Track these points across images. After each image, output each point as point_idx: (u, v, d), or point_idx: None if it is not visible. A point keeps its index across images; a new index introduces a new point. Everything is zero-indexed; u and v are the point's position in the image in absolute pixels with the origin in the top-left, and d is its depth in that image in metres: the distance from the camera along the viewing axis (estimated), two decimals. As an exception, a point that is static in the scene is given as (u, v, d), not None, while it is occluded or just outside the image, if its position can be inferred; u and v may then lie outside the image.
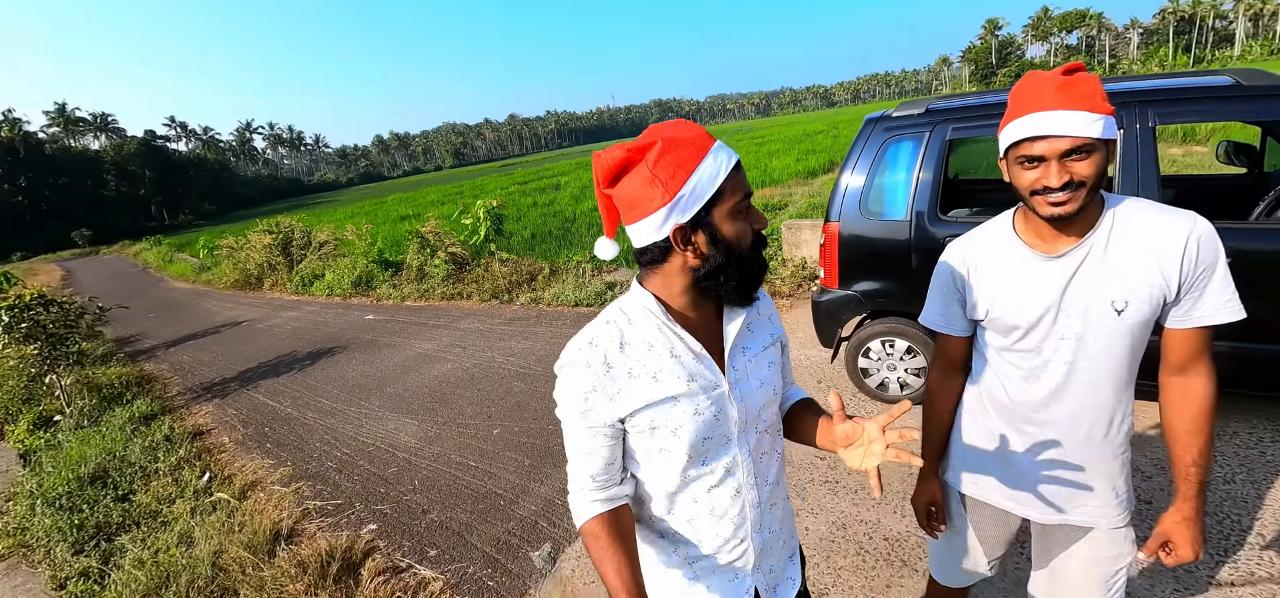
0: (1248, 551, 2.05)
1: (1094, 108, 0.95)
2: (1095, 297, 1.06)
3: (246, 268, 11.62)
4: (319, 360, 5.97)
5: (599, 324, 0.91)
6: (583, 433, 0.90)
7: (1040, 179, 1.00)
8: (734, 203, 0.84)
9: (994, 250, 1.16)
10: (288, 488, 3.47)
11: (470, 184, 30.85)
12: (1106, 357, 1.08)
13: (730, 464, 0.93)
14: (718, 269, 0.85)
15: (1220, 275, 1.02)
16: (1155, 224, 1.03)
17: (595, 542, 0.89)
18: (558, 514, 2.80)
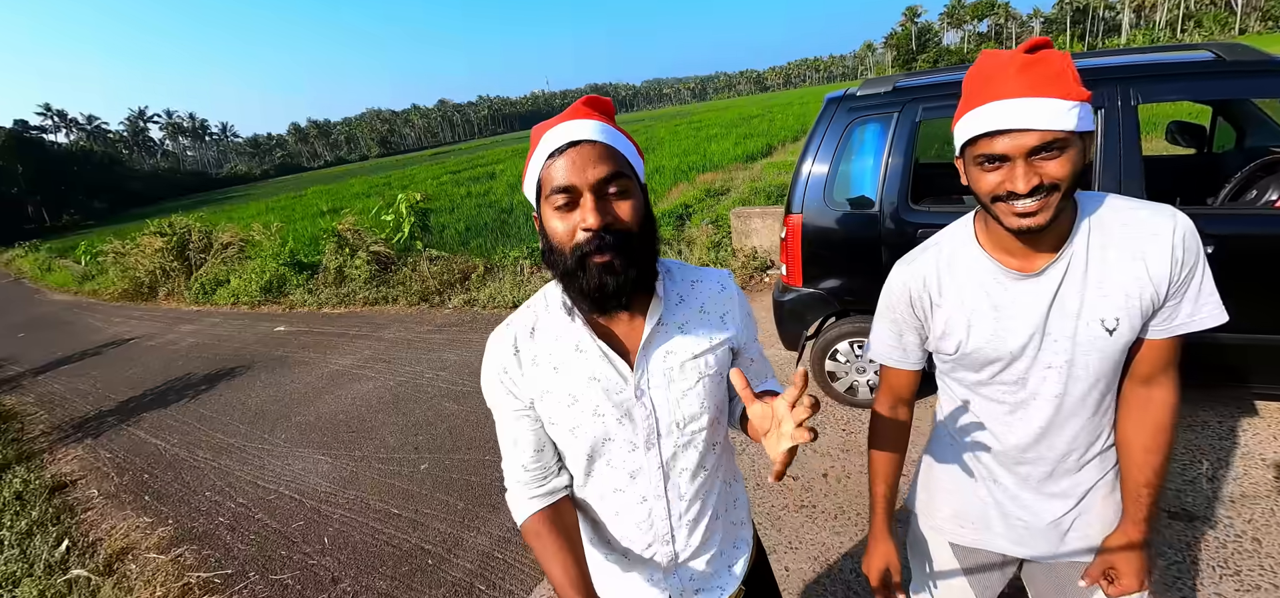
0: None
1: (1065, 92, 0.78)
2: (1083, 318, 0.91)
3: (136, 275, 10.25)
4: (217, 384, 5.19)
5: (522, 308, 0.89)
6: (505, 417, 0.88)
7: (1004, 183, 0.82)
8: (546, 195, 0.76)
9: (957, 269, 0.98)
10: (166, 556, 2.86)
11: (399, 174, 29.09)
12: (1097, 381, 0.95)
13: (635, 472, 0.87)
14: (547, 263, 0.80)
15: (1202, 272, 0.90)
16: (1136, 224, 0.89)
17: (537, 540, 0.87)
18: (500, 573, 2.38)
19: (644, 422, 0.85)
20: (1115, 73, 2.24)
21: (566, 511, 0.90)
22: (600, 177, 0.73)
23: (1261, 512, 2.11)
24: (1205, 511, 2.15)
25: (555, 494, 0.89)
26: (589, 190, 0.73)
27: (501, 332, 0.88)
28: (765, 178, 11.14)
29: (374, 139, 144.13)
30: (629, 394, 0.84)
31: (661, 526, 0.91)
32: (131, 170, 76.03)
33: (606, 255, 0.74)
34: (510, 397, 0.86)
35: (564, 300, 0.84)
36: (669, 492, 0.89)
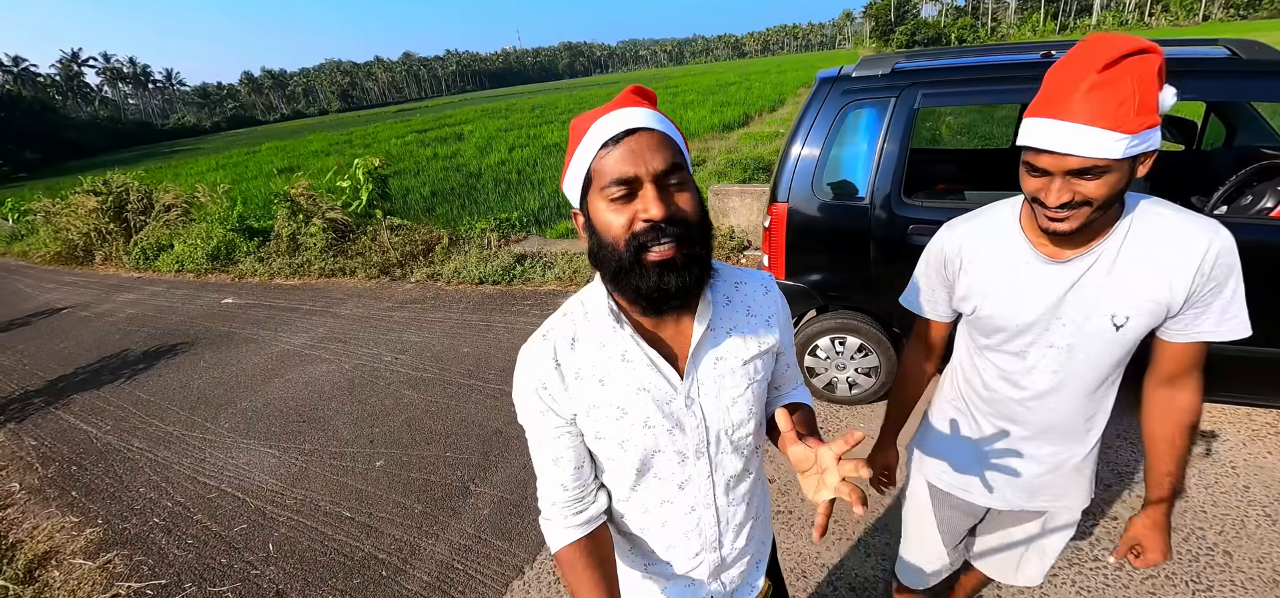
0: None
1: (1120, 123, 0.80)
2: (1095, 309, 0.99)
3: (69, 237, 9.50)
4: (157, 363, 4.83)
5: (556, 317, 0.84)
6: (545, 435, 0.83)
7: (1040, 191, 0.91)
8: (601, 185, 0.71)
9: (994, 243, 1.06)
10: (94, 562, 2.62)
11: (361, 131, 27.72)
12: (1095, 368, 1.04)
13: (684, 482, 0.85)
14: (599, 263, 0.74)
15: (1231, 289, 0.96)
16: (1173, 232, 0.95)
17: (572, 571, 0.83)
18: (460, 585, 2.23)
19: (694, 431, 0.82)
20: None
21: (604, 539, 0.87)
22: (661, 166, 0.69)
23: (1232, 524, 2.11)
24: (1179, 522, 2.14)
25: (594, 523, 0.86)
26: (650, 180, 0.69)
27: (537, 344, 0.82)
28: (742, 149, 10.95)
29: (334, 93, 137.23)
30: (679, 403, 0.81)
31: (710, 533, 0.90)
32: (67, 118, 70.68)
33: (668, 248, 0.69)
34: (550, 414, 0.81)
35: (611, 306, 0.78)
36: (717, 500, 0.88)
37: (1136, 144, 0.82)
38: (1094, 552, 2.05)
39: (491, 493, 2.70)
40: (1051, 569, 1.35)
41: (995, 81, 2.31)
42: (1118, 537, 2.10)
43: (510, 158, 13.44)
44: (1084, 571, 1.99)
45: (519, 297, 5.25)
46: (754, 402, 0.85)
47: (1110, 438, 2.57)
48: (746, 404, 0.84)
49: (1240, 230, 2.04)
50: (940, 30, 74.20)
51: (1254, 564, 1.95)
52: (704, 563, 0.92)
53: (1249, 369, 2.18)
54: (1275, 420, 2.57)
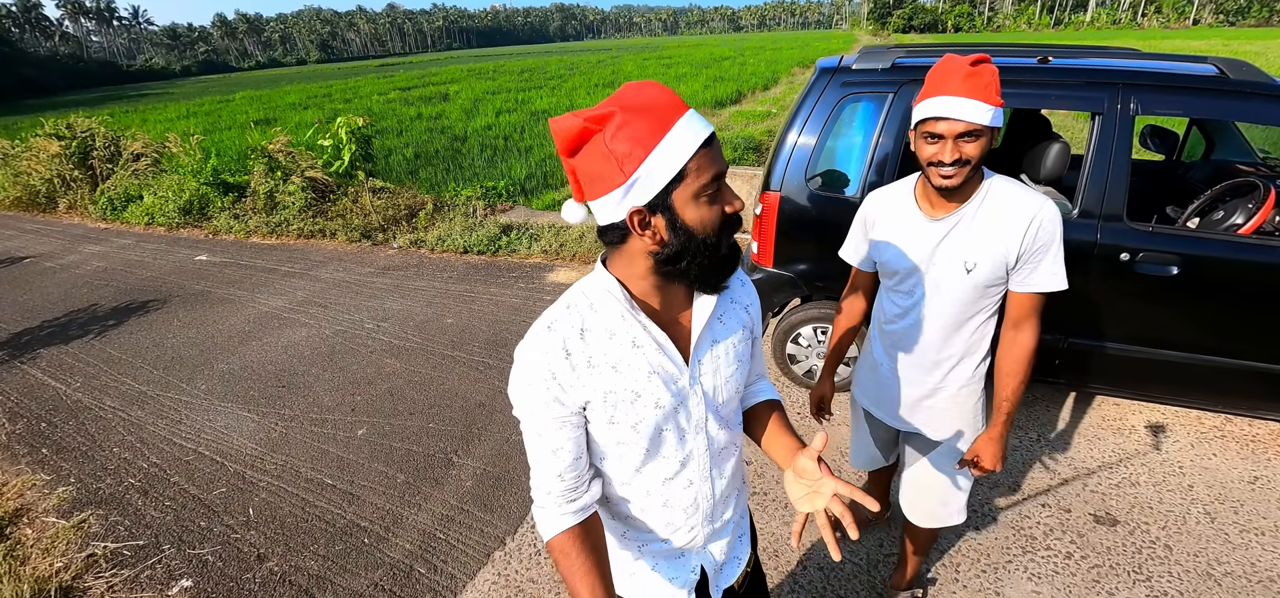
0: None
1: (988, 99, 1.16)
2: (955, 255, 1.31)
3: (30, 183, 9.09)
4: (128, 320, 4.71)
5: (559, 308, 0.86)
6: (547, 426, 0.85)
7: (937, 154, 1.21)
8: (699, 185, 0.75)
9: (895, 207, 1.41)
10: (68, 521, 2.60)
11: (341, 85, 26.77)
12: (954, 305, 1.36)
13: (685, 458, 0.92)
14: (678, 255, 0.78)
15: (1053, 252, 1.27)
16: (1012, 202, 1.27)
17: (565, 558, 0.86)
18: (442, 554, 2.28)
19: (697, 409, 0.89)
20: (1117, 77, 2.16)
21: (596, 526, 0.91)
22: (727, 164, 0.79)
23: (1175, 520, 2.25)
24: (1126, 515, 2.28)
25: (586, 511, 0.89)
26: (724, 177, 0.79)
27: (544, 336, 0.84)
28: (733, 126, 10.90)
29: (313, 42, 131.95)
30: (685, 383, 0.87)
31: (706, 505, 0.97)
32: (24, 53, 66.88)
33: (736, 230, 0.81)
34: (556, 404, 0.84)
35: (624, 295, 0.82)
36: (712, 472, 0.96)
37: (996, 116, 1.17)
38: (1046, 541, 2.17)
39: (474, 465, 2.74)
40: (964, 511, 1.63)
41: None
42: (1068, 528, 2.22)
43: (497, 122, 13.17)
44: (1036, 558, 2.11)
45: (504, 268, 5.22)
46: (740, 379, 0.95)
47: (1068, 434, 2.70)
48: (735, 383, 0.93)
49: (1210, 247, 2.16)
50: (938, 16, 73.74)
51: (1191, 558, 2.09)
52: (698, 535, 0.98)
53: (1213, 377, 2.30)
54: (1222, 424, 2.72)
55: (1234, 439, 2.63)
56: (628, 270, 0.83)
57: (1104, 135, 2.18)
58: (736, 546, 1.09)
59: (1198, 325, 2.26)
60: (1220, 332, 2.24)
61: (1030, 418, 2.82)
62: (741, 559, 1.10)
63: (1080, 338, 2.40)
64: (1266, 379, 2.24)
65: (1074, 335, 2.40)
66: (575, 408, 0.85)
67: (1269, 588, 1.97)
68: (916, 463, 1.60)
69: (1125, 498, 2.35)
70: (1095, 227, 2.24)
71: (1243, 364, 2.24)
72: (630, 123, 0.73)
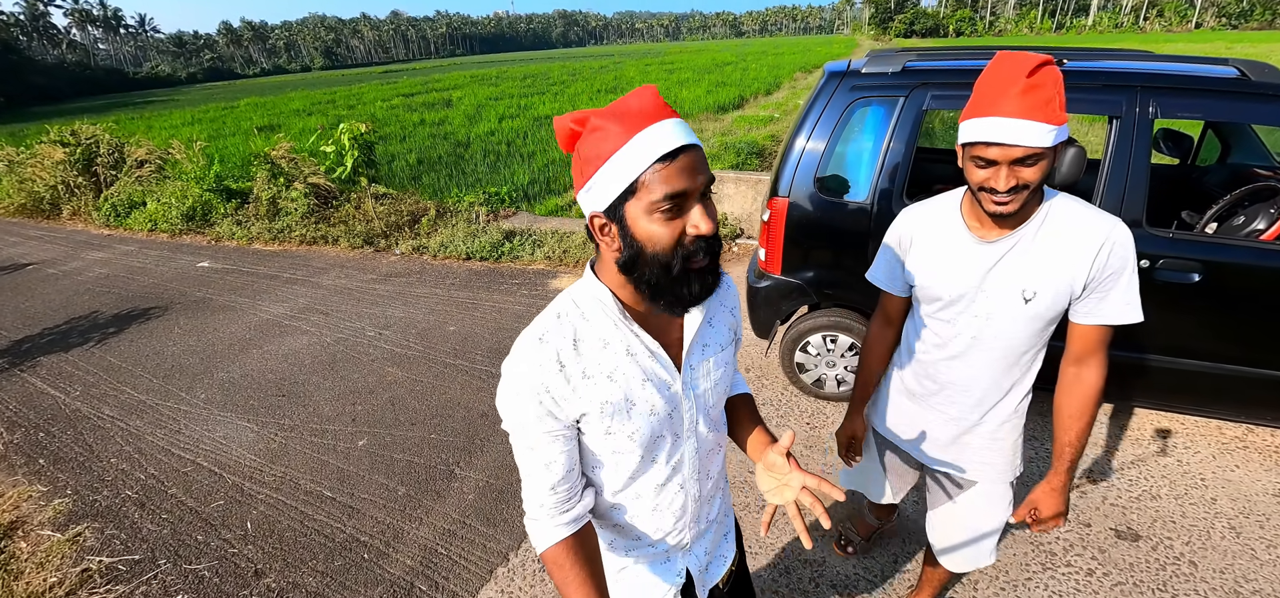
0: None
1: (1049, 118, 0.99)
2: (1010, 283, 1.17)
3: (35, 189, 9.11)
4: (129, 327, 4.68)
5: (549, 318, 0.84)
6: (540, 441, 0.84)
7: (989, 180, 1.06)
8: (651, 200, 0.72)
9: (938, 226, 1.25)
10: (63, 534, 2.56)
11: (345, 91, 26.89)
12: (1007, 338, 1.21)
13: (677, 462, 0.92)
14: (632, 265, 0.76)
15: (1126, 280, 1.12)
16: (1079, 224, 1.11)
17: (559, 570, 0.86)
18: (444, 571, 2.22)
19: (689, 413, 0.89)
20: (1135, 80, 2.10)
21: (590, 536, 0.91)
22: (705, 183, 0.74)
23: (1199, 535, 2.18)
24: (1149, 530, 2.21)
25: (580, 522, 0.89)
26: (698, 197, 0.73)
27: (536, 348, 0.81)
28: (736, 132, 10.85)
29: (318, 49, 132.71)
30: (678, 389, 0.87)
31: (693, 507, 0.97)
32: (32, 61, 67.44)
33: (708, 259, 0.76)
34: (550, 418, 0.82)
35: (615, 304, 0.81)
36: (700, 473, 0.96)
37: (1061, 134, 1.01)
38: (1067, 557, 2.10)
39: (477, 477, 2.68)
40: (996, 550, 1.50)
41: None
42: (1089, 543, 2.15)
43: (500, 128, 13.17)
44: (1057, 575, 2.04)
45: (507, 275, 5.18)
46: (727, 379, 0.96)
47: (1036, 445, 2.63)
48: (722, 386, 0.95)
49: (1232, 253, 2.10)
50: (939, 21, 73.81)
51: (1217, 575, 2.02)
52: (685, 535, 0.99)
53: (1236, 387, 2.23)
54: (1244, 435, 2.65)
55: (1257, 450, 2.55)
56: (611, 276, 0.82)
57: (1122, 139, 2.13)
58: (722, 545, 1.10)
59: (1220, 334, 2.20)
60: (1243, 340, 2.17)
61: (1043, 430, 2.75)
62: (727, 558, 1.11)
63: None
64: None
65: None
66: (569, 421, 0.83)
67: (1300, 607, 1.90)
68: (948, 504, 1.47)
69: (1146, 512, 2.28)
70: (1114, 233, 2.17)
71: (1267, 373, 2.17)
72: (599, 129, 0.73)
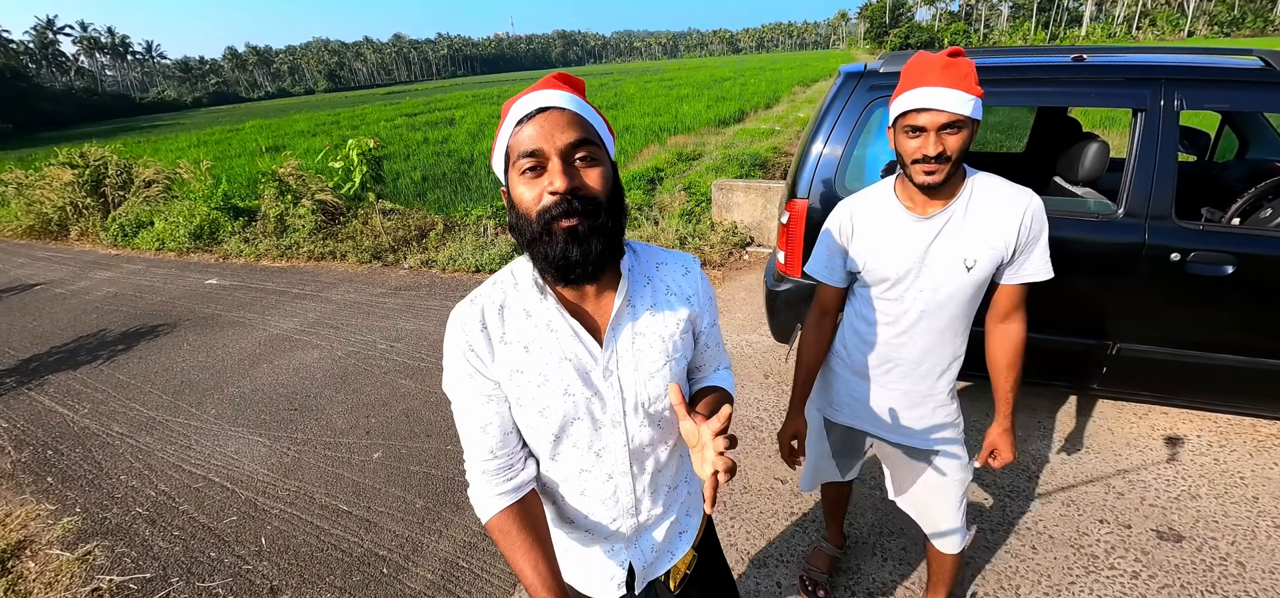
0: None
1: (968, 89, 1.12)
2: (952, 253, 1.27)
3: (43, 211, 9.15)
4: (137, 344, 4.65)
5: (486, 284, 0.87)
6: (471, 400, 0.84)
7: (920, 148, 1.17)
8: (515, 161, 0.75)
9: (876, 211, 1.34)
10: (72, 553, 2.50)
11: (348, 113, 27.15)
12: (952, 305, 1.31)
13: (600, 450, 0.88)
14: (514, 232, 0.78)
15: (1043, 243, 1.28)
16: (1003, 196, 1.26)
17: (505, 538, 0.85)
18: (465, 584, 2.15)
19: (612, 401, 0.86)
20: (1159, 73, 2.08)
21: (534, 504, 0.88)
22: (568, 142, 0.73)
23: (1243, 534, 2.11)
24: (1191, 530, 2.14)
25: (523, 489, 0.87)
26: (557, 155, 0.73)
27: (466, 308, 0.84)
28: (738, 144, 10.88)
29: (321, 72, 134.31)
30: (599, 374, 0.85)
31: (627, 500, 0.93)
32: (41, 88, 68.37)
33: (573, 220, 0.73)
34: (478, 378, 0.83)
35: (536, 278, 0.82)
36: (634, 468, 0.92)
37: (977, 108, 1.13)
38: (1109, 560, 2.03)
39: (494, 488, 2.62)
40: (964, 514, 1.55)
41: (1027, 83, 2.27)
42: (1131, 545, 2.08)
43: (503, 145, 13.23)
44: (1100, 579, 1.97)
45: (516, 286, 5.15)
46: (671, 377, 0.89)
47: (1117, 445, 2.56)
48: (663, 379, 0.88)
49: (1267, 245, 2.05)
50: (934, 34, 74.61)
51: (1267, 575, 1.95)
52: (622, 527, 0.96)
53: (1267, 382, 2.18)
54: (1278, 431, 2.59)
55: (1295, 448, 2.49)
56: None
57: (1148, 132, 2.10)
58: (673, 541, 1.05)
59: (1255, 328, 2.15)
60: (1275, 333, 2.12)
61: (1077, 431, 2.69)
62: (675, 554, 1.05)
63: (1130, 343, 2.28)
64: None
65: (1124, 341, 2.29)
66: (495, 382, 0.84)
67: (1357, 608, 1.82)
68: (914, 481, 1.53)
69: (1187, 512, 2.22)
70: (1143, 227, 2.14)
71: None
72: (511, 101, 0.77)
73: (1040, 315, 2.34)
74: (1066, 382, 2.47)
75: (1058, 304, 2.31)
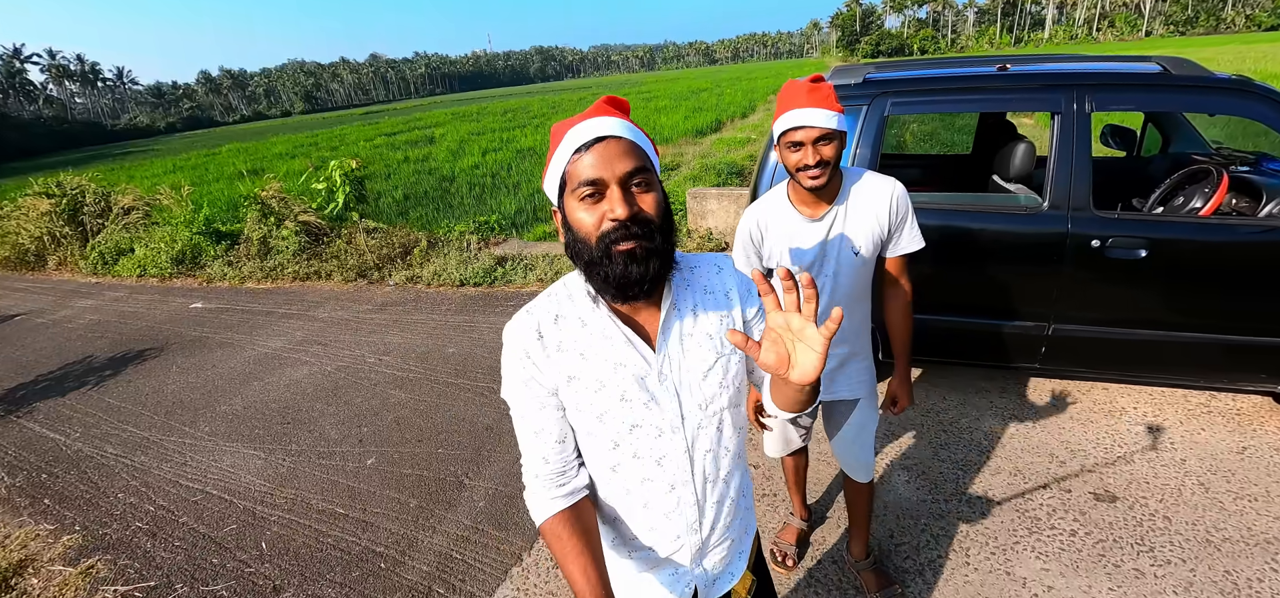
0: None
1: (831, 108, 1.36)
2: (844, 245, 1.52)
3: (19, 241, 9.06)
4: (125, 368, 4.69)
5: (542, 297, 0.90)
6: (527, 406, 0.88)
7: (802, 159, 1.39)
8: (572, 188, 0.79)
9: (777, 215, 1.56)
10: (75, 568, 2.57)
11: (327, 133, 27.06)
12: (851, 284, 1.57)
13: (661, 457, 0.89)
14: (571, 253, 0.83)
15: (911, 219, 1.54)
16: (873, 189, 1.51)
17: (557, 542, 0.86)
18: (459, 574, 2.29)
19: (669, 405, 0.88)
20: (1072, 79, 2.33)
21: (587, 511, 0.90)
22: (627, 170, 0.77)
23: (1171, 492, 2.33)
24: (1125, 492, 2.35)
25: (576, 495, 0.90)
26: (616, 183, 0.77)
27: (523, 318, 0.88)
28: (715, 154, 11.15)
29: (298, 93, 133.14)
30: (654, 378, 0.87)
31: (691, 512, 0.94)
32: (7, 117, 66.89)
33: (631, 243, 0.77)
34: (534, 384, 0.87)
35: (588, 289, 0.86)
36: (695, 476, 0.92)
37: (841, 121, 1.37)
38: (1050, 521, 2.24)
39: (486, 486, 2.76)
40: (872, 451, 1.84)
41: (957, 92, 2.51)
42: (1070, 507, 2.29)
43: (484, 161, 13.37)
44: (1042, 538, 2.17)
45: (501, 298, 5.28)
46: (724, 375, 0.90)
47: (1062, 419, 2.78)
48: (717, 378, 0.90)
49: (1174, 229, 2.30)
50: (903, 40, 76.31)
51: (1190, 527, 2.16)
52: (685, 546, 0.95)
53: (1188, 352, 2.41)
54: (1207, 401, 2.83)
55: (1220, 414, 2.73)
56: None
57: (1064, 132, 2.34)
58: (733, 561, 1.04)
59: (1169, 304, 2.39)
60: (1190, 309, 2.37)
61: (1024, 408, 2.91)
62: (735, 574, 1.06)
63: (1063, 324, 2.51)
64: (1234, 351, 2.36)
65: (1058, 322, 2.51)
66: (550, 389, 0.87)
67: (1267, 550, 2.04)
68: (843, 424, 1.80)
69: (1122, 476, 2.43)
70: (1066, 217, 2.37)
71: (1214, 338, 2.36)
72: (562, 127, 0.81)
73: (984, 303, 2.58)
74: (1011, 363, 2.69)
75: (998, 292, 2.53)
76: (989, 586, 2.00)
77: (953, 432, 2.78)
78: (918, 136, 10.51)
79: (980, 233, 2.46)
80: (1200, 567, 2.00)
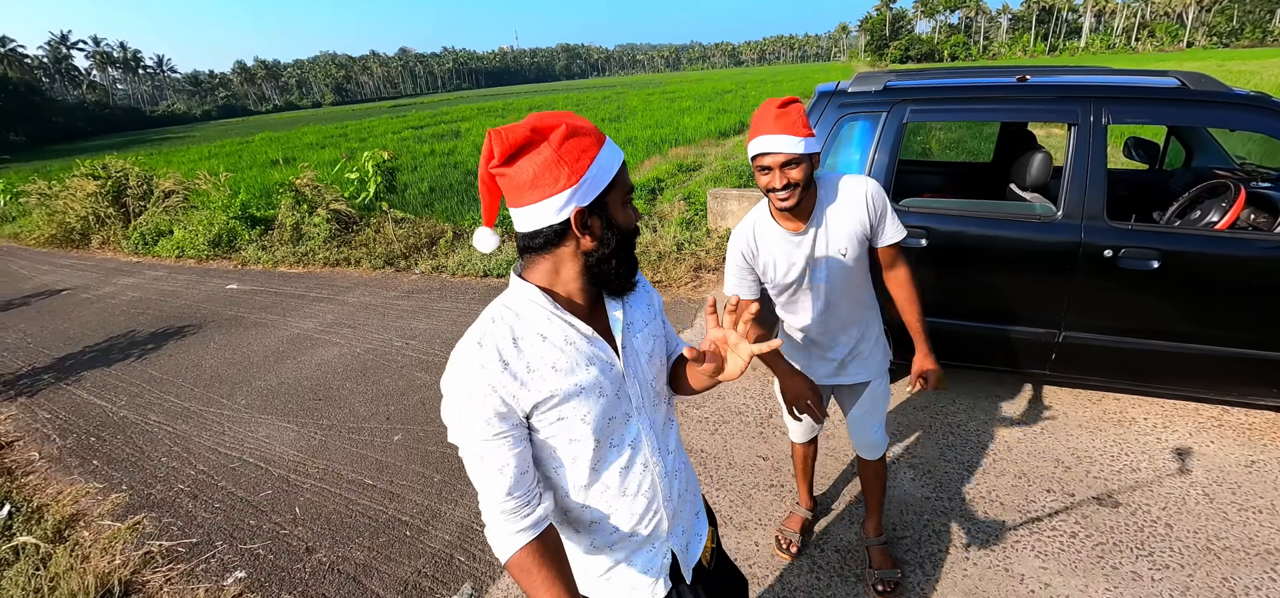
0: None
1: (798, 132, 1.39)
2: (831, 252, 1.58)
3: (66, 220, 9.51)
4: (166, 344, 4.95)
5: (484, 323, 0.89)
6: (489, 446, 0.85)
7: (770, 183, 1.46)
8: (624, 192, 0.89)
9: (764, 234, 1.63)
10: (123, 523, 2.77)
11: (356, 125, 27.67)
12: (846, 284, 1.64)
13: (635, 440, 0.97)
14: (609, 254, 0.88)
15: (891, 211, 1.60)
16: (847, 192, 1.57)
17: (527, 576, 0.88)
18: (478, 544, 2.42)
19: (634, 390, 0.97)
20: (1089, 91, 2.37)
21: (552, 537, 0.91)
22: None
23: (1175, 501, 2.36)
24: (1128, 498, 2.39)
25: (541, 524, 0.89)
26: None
27: (475, 353, 0.85)
28: (737, 156, 11.20)
29: (328, 85, 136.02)
30: (619, 369, 0.95)
31: (662, 483, 1.02)
32: (54, 101, 69.54)
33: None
34: (499, 420, 0.84)
35: (544, 302, 0.88)
36: (658, 449, 1.02)
37: (810, 145, 1.41)
38: (1052, 522, 2.29)
39: (504, 466, 2.89)
40: (885, 429, 1.95)
41: (975, 101, 2.56)
42: (1072, 510, 2.33)
43: (508, 157, 13.56)
44: (1042, 537, 2.22)
45: (522, 290, 5.43)
46: (661, 360, 1.06)
47: (1070, 426, 2.82)
48: (657, 362, 1.04)
49: (1188, 241, 2.33)
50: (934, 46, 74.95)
51: (1191, 535, 2.20)
52: (661, 519, 1.03)
53: (1200, 364, 2.44)
54: (1219, 414, 2.84)
55: (1231, 428, 2.74)
56: (551, 275, 0.89)
57: (1080, 143, 2.38)
58: (696, 523, 1.16)
59: (1181, 316, 2.41)
60: (1201, 321, 2.39)
61: (1033, 415, 2.94)
62: (702, 535, 1.16)
63: (1075, 332, 2.55)
64: (1247, 364, 2.38)
65: (1068, 330, 2.55)
66: (520, 419, 0.86)
67: (1266, 560, 2.07)
68: (857, 406, 1.87)
69: (1126, 482, 2.47)
70: (1079, 227, 2.41)
71: (1225, 351, 2.38)
72: (575, 134, 0.82)
73: (996, 308, 2.63)
74: (1021, 369, 2.73)
75: (1010, 298, 2.58)
76: (987, 580, 2.07)
77: (960, 434, 2.83)
78: (944, 143, 10.43)
79: (996, 240, 2.51)
80: (1198, 573, 2.04)
